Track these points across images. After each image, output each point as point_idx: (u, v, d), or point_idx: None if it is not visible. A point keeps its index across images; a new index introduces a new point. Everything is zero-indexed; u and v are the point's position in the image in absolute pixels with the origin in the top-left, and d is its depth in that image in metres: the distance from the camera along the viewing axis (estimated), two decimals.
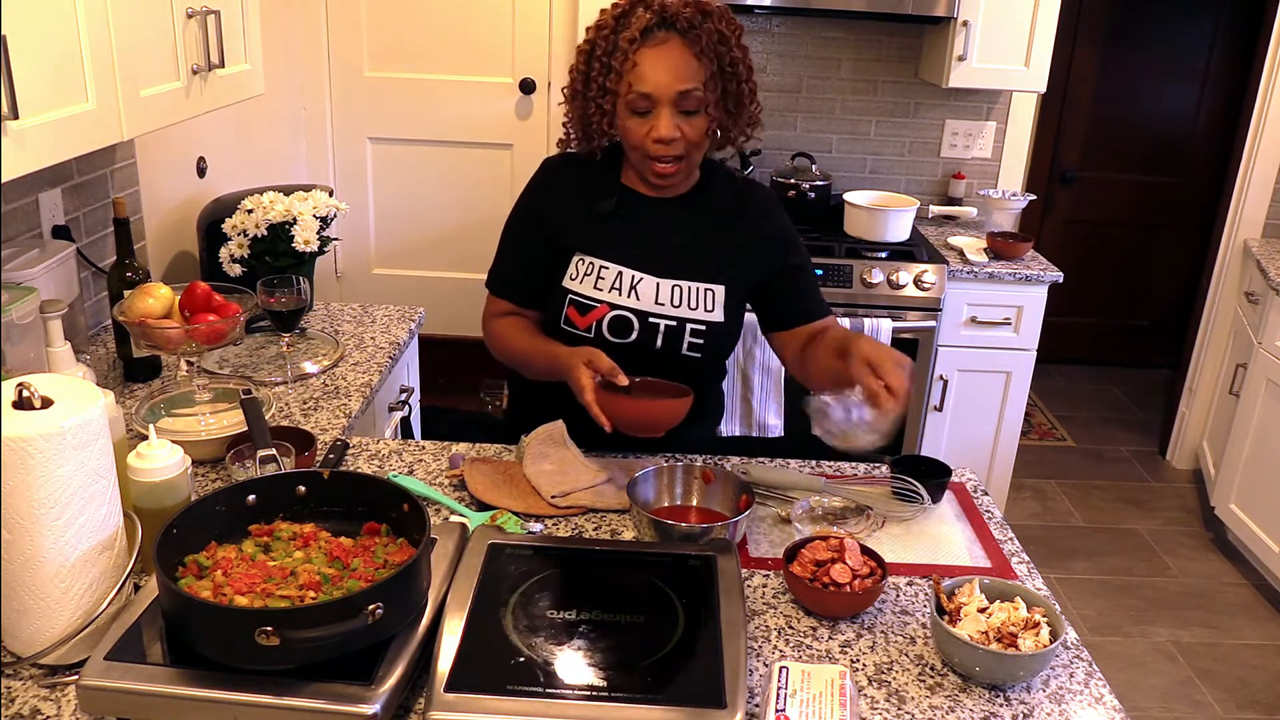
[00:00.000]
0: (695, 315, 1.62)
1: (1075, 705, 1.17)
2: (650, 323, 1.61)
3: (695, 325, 1.62)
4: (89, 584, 1.13)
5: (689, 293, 1.62)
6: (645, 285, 1.61)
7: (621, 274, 1.61)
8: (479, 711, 1.01)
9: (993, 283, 3.05)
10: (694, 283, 1.63)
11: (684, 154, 1.56)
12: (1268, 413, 3.20)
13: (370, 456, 1.68)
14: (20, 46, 1.29)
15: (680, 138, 1.53)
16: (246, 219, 2.09)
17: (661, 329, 1.61)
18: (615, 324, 1.62)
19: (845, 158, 3.60)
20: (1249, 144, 3.70)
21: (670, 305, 1.61)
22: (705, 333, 1.62)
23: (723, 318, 1.64)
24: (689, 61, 1.50)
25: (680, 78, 1.50)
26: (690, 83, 1.50)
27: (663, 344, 1.62)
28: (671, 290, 1.62)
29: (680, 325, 1.62)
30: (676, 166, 1.57)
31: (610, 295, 1.61)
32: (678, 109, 1.52)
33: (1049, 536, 3.52)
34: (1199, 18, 4.47)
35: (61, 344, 1.62)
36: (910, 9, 3.00)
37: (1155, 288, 4.93)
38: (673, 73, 1.50)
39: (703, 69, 1.51)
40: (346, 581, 1.12)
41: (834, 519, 1.53)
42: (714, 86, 1.53)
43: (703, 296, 1.62)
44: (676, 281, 1.62)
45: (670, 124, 1.51)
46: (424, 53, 3.43)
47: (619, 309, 1.61)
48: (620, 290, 1.61)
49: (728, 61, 1.54)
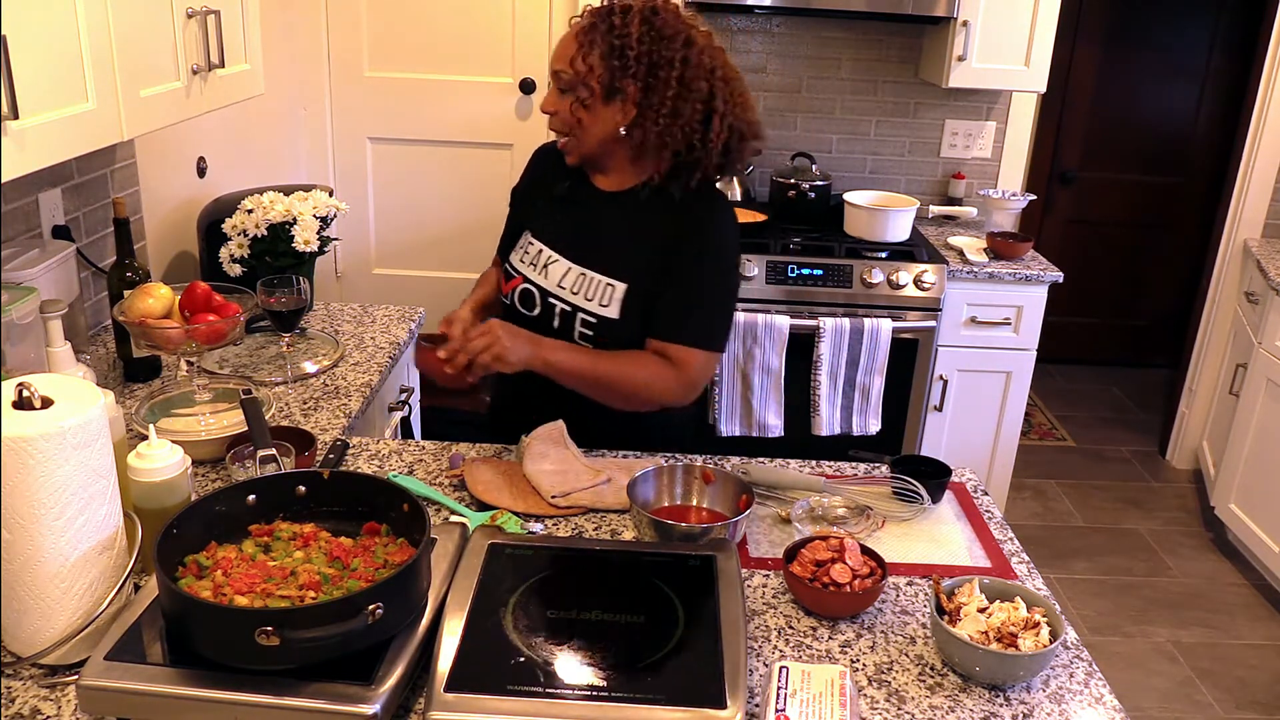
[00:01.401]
0: (589, 306, 1.65)
1: (1075, 705, 1.17)
2: (549, 302, 1.69)
3: (586, 316, 1.65)
4: (89, 584, 1.13)
5: (590, 283, 1.66)
6: (556, 267, 1.69)
7: (542, 251, 1.71)
8: (479, 711, 1.01)
9: (993, 283, 3.05)
10: (598, 274, 1.66)
11: (565, 131, 1.65)
12: (1268, 413, 3.20)
13: (370, 456, 1.68)
14: (20, 46, 1.29)
15: (555, 113, 1.64)
16: (246, 219, 2.09)
17: (558, 311, 1.68)
18: (524, 296, 1.72)
19: (845, 158, 3.60)
20: (1249, 144, 3.70)
21: (570, 291, 1.67)
22: (595, 325, 1.65)
23: (618, 314, 1.64)
24: (569, 45, 1.60)
25: (557, 58, 1.62)
26: (560, 63, 1.61)
27: (559, 325, 1.69)
28: (577, 277, 1.67)
29: (573, 312, 1.66)
30: (563, 142, 1.67)
31: (527, 269, 1.72)
32: (555, 87, 1.63)
33: (1049, 536, 3.52)
34: (1199, 18, 4.47)
35: (61, 344, 1.62)
36: (910, 9, 3.00)
37: (1155, 288, 4.93)
38: (556, 53, 1.63)
39: (580, 55, 1.58)
40: (346, 581, 1.12)
41: (834, 519, 1.53)
42: (600, 74, 1.57)
43: (601, 290, 1.65)
44: (584, 270, 1.67)
45: (550, 98, 1.65)
46: (424, 53, 3.43)
47: (529, 283, 1.71)
48: (536, 266, 1.71)
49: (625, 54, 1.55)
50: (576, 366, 1.61)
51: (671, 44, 1.56)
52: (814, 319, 2.92)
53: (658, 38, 1.56)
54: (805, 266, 2.97)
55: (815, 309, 2.97)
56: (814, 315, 2.94)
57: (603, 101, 1.59)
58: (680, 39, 1.57)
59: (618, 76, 1.57)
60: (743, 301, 2.97)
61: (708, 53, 1.59)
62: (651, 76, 1.56)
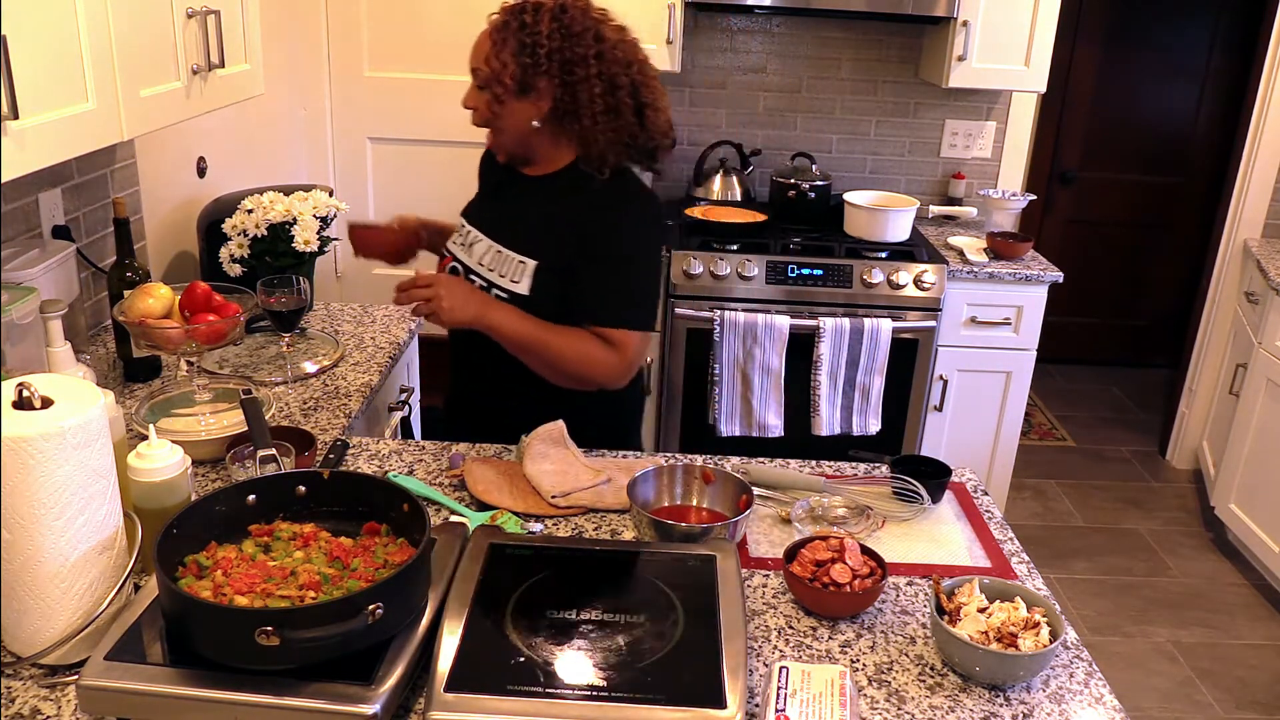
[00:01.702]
0: (502, 282, 1.71)
1: (1075, 705, 1.17)
2: (470, 278, 1.75)
3: (499, 292, 1.70)
4: (89, 584, 1.13)
5: (504, 260, 1.72)
6: (479, 245, 1.77)
7: (470, 232, 1.80)
8: (479, 711, 1.01)
9: (993, 283, 3.05)
10: (512, 252, 1.72)
11: (486, 125, 1.71)
12: (1268, 413, 3.20)
13: (370, 456, 1.68)
14: (20, 47, 1.29)
15: (475, 108, 1.71)
16: (246, 219, 2.09)
17: (477, 285, 1.73)
18: (450, 274, 1.78)
19: (845, 158, 3.60)
20: (1249, 144, 3.70)
21: (487, 267, 1.74)
22: (508, 300, 1.69)
23: (528, 291, 1.68)
24: (484, 44, 1.67)
25: (473, 56, 1.69)
26: (476, 61, 1.68)
27: None
28: (494, 254, 1.73)
29: (488, 287, 1.72)
30: (489, 134, 1.73)
31: (456, 249, 1.81)
32: (476, 83, 1.70)
33: (1049, 536, 3.52)
34: (1199, 18, 4.47)
35: (61, 344, 1.62)
36: (910, 9, 3.00)
37: (1155, 288, 4.93)
38: (473, 51, 1.69)
39: (494, 53, 1.64)
40: (346, 581, 1.12)
41: (834, 519, 1.53)
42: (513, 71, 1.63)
43: (514, 267, 1.71)
44: (500, 248, 1.73)
45: (468, 94, 1.72)
46: (424, 53, 3.43)
47: (456, 260, 1.79)
48: (463, 245, 1.79)
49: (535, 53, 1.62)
50: (520, 332, 1.64)
51: (581, 40, 1.61)
52: (814, 319, 2.92)
53: (567, 34, 1.61)
54: (805, 266, 2.98)
55: (815, 309, 2.97)
56: (814, 315, 2.94)
57: (516, 97, 1.65)
58: (590, 35, 1.62)
59: (530, 73, 1.63)
60: (743, 301, 2.97)
61: (620, 48, 1.65)
62: (568, 74, 1.62)
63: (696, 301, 2.97)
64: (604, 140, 1.64)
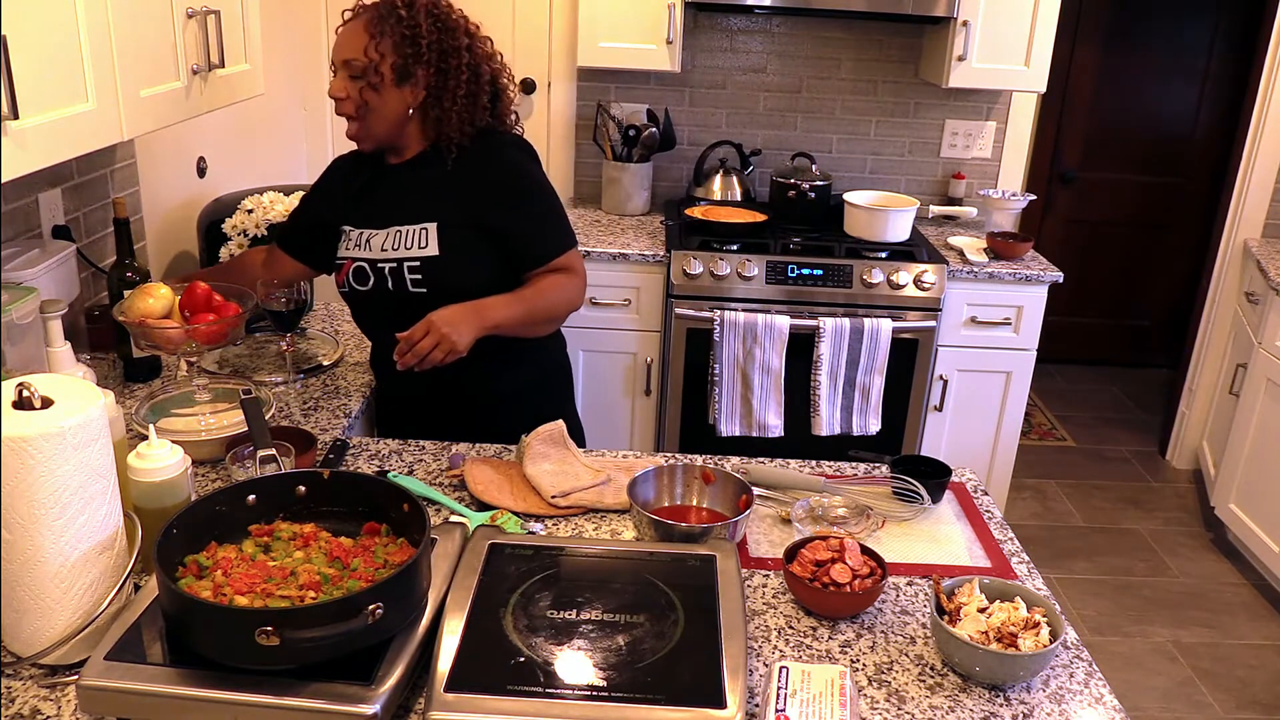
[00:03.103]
0: (410, 253, 1.79)
1: (1075, 705, 1.17)
2: (379, 268, 1.81)
3: (410, 262, 1.78)
4: (89, 584, 1.13)
5: (404, 235, 1.80)
6: (375, 239, 1.82)
7: (361, 234, 1.84)
8: (479, 711, 1.01)
9: (993, 283, 3.05)
10: (408, 226, 1.80)
11: (355, 115, 1.77)
12: (1268, 413, 3.21)
13: (370, 456, 1.68)
14: (20, 46, 1.29)
15: (348, 98, 1.75)
16: (246, 219, 2.09)
17: (386, 271, 1.80)
18: (356, 274, 1.83)
19: (845, 158, 3.60)
20: (1249, 144, 3.70)
21: (390, 250, 1.80)
22: (421, 267, 1.78)
23: (439, 251, 1.78)
24: (359, 35, 1.73)
25: (345, 47, 1.74)
26: (351, 52, 1.73)
27: (392, 285, 1.80)
28: (393, 237, 1.81)
29: (399, 265, 1.79)
30: (357, 125, 1.78)
31: (353, 252, 1.84)
32: (347, 75, 1.75)
33: (1049, 536, 3.53)
34: (1199, 18, 4.47)
35: (61, 344, 1.62)
36: (910, 9, 3.00)
37: (1155, 288, 4.93)
38: (342, 42, 1.75)
39: (371, 43, 1.72)
40: (346, 581, 1.12)
41: (834, 519, 1.53)
42: (393, 60, 1.73)
43: (416, 236, 1.79)
44: (396, 228, 1.81)
45: (338, 84, 1.76)
46: None
47: (357, 261, 1.83)
48: (360, 246, 1.84)
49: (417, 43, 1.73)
50: (517, 314, 1.78)
51: (455, 34, 1.76)
52: (814, 319, 2.92)
53: (444, 29, 1.75)
54: (805, 266, 2.98)
55: (815, 309, 2.97)
56: (814, 315, 2.94)
57: (394, 85, 1.74)
58: (461, 29, 1.78)
59: (410, 62, 1.73)
60: (743, 301, 2.97)
61: (483, 41, 1.82)
62: (444, 63, 1.75)
63: (696, 301, 2.97)
64: (459, 124, 1.78)
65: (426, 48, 1.73)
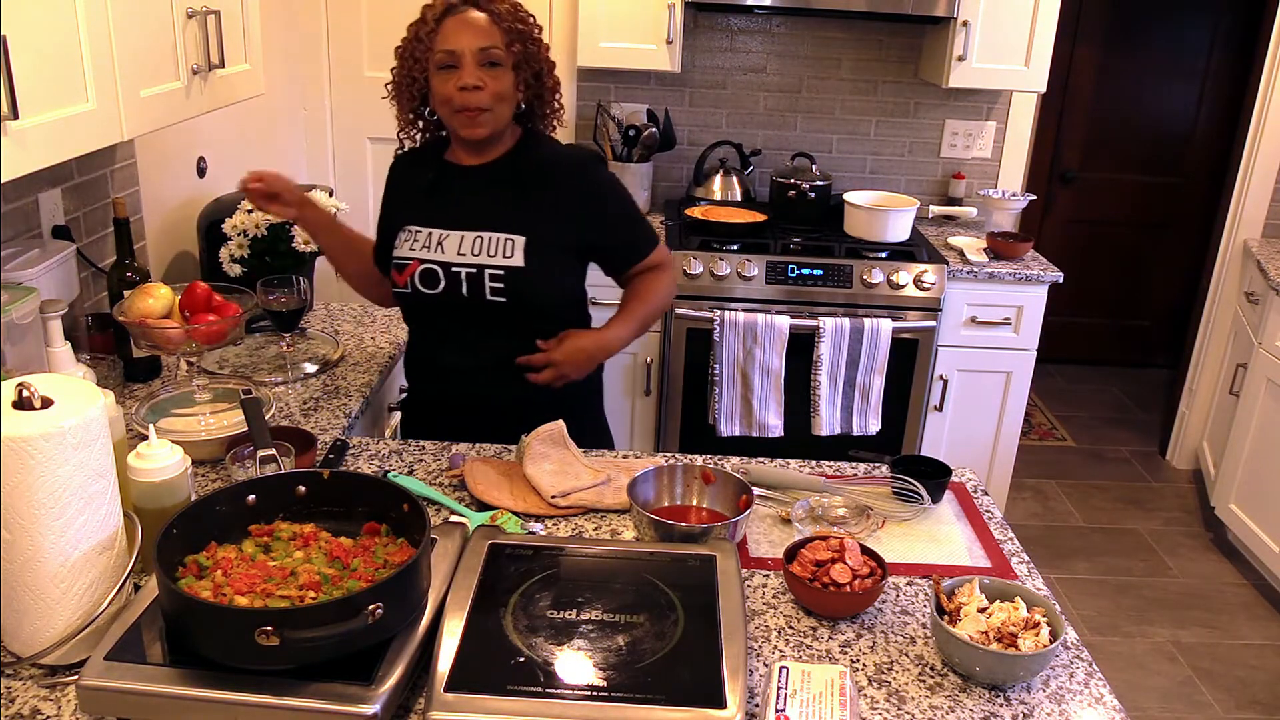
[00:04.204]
0: (494, 261, 1.74)
1: (1075, 705, 1.17)
2: (453, 272, 1.75)
3: (494, 270, 1.74)
4: (89, 584, 1.13)
5: (489, 242, 1.75)
6: (449, 240, 1.77)
7: (430, 234, 1.79)
8: (479, 711, 1.01)
9: (993, 283, 3.05)
10: (494, 233, 1.76)
11: (490, 105, 1.70)
12: (1268, 413, 3.20)
13: (370, 456, 1.68)
14: (20, 47, 1.29)
15: (484, 87, 1.69)
16: (246, 219, 2.09)
17: (464, 277, 1.75)
18: (424, 276, 1.77)
19: (845, 158, 3.60)
20: (1249, 144, 3.70)
21: (470, 255, 1.75)
22: (505, 277, 1.73)
23: (524, 263, 1.74)
24: (488, 24, 1.69)
25: (480, 36, 1.69)
26: (489, 40, 1.69)
27: (468, 291, 1.75)
28: (473, 242, 1.76)
29: (479, 272, 1.74)
30: (482, 117, 1.71)
31: (420, 253, 1.78)
32: (479, 63, 1.69)
33: (1049, 536, 3.52)
34: (1199, 18, 4.47)
35: (61, 344, 1.62)
36: (910, 9, 3.00)
37: (1155, 288, 4.93)
38: (473, 32, 1.69)
39: (501, 33, 1.69)
40: (346, 581, 1.12)
41: (834, 519, 1.53)
42: (515, 52, 1.71)
43: (501, 245, 1.75)
44: (479, 233, 1.76)
45: (474, 73, 1.68)
46: None
47: (426, 262, 1.77)
48: (429, 248, 1.78)
49: (528, 39, 1.73)
50: (634, 329, 1.85)
51: (536, 28, 1.76)
52: (814, 319, 2.92)
53: (533, 24, 1.75)
54: (805, 266, 2.98)
55: (815, 309, 2.97)
56: (814, 315, 2.94)
57: (513, 77, 1.72)
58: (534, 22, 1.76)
59: (522, 56, 1.72)
60: (743, 301, 2.97)
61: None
62: (538, 59, 1.76)
63: (696, 301, 2.97)
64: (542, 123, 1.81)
65: (530, 42, 1.73)
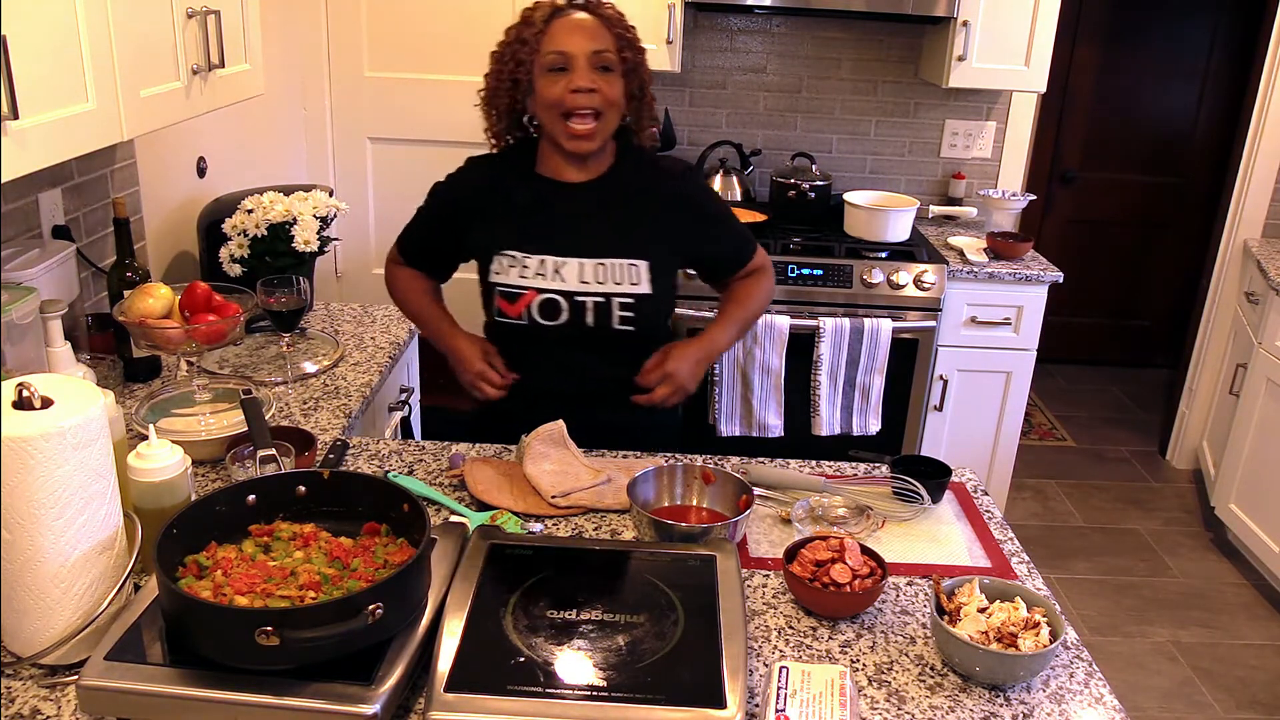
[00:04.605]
0: (621, 289, 1.68)
1: (1075, 705, 1.17)
2: (577, 301, 1.68)
3: (623, 299, 1.68)
4: (89, 584, 1.13)
5: (613, 269, 1.69)
6: (569, 268, 1.69)
7: (544, 261, 1.69)
8: (479, 711, 1.01)
9: (993, 283, 3.05)
10: (616, 260, 1.69)
11: (600, 110, 1.63)
12: (1268, 413, 3.20)
13: (370, 456, 1.68)
14: (20, 47, 1.29)
15: (597, 90, 1.61)
16: (246, 219, 2.09)
17: (589, 306, 1.68)
18: (544, 307, 1.69)
19: (845, 158, 3.60)
20: (1249, 144, 3.70)
21: (595, 283, 1.68)
22: (634, 305, 1.69)
23: (650, 290, 1.69)
24: (599, 28, 1.64)
25: (593, 39, 1.63)
26: (602, 44, 1.63)
27: (594, 320, 1.69)
28: (595, 268, 1.69)
29: (607, 300, 1.68)
30: (593, 124, 1.63)
31: (536, 281, 1.69)
32: (592, 67, 1.62)
33: (1049, 536, 3.52)
34: (1199, 18, 4.47)
35: (61, 344, 1.62)
36: (910, 9, 3.00)
37: (1155, 288, 4.93)
38: (586, 34, 1.62)
39: (612, 38, 1.64)
40: (346, 581, 1.12)
41: (834, 519, 1.53)
42: (626, 59, 1.66)
43: (626, 272, 1.69)
44: (600, 260, 1.69)
45: (587, 75, 1.61)
46: (424, 53, 3.43)
47: (546, 292, 1.68)
48: (545, 275, 1.69)
49: (635, 47, 1.68)
50: (734, 333, 1.82)
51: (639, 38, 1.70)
52: (814, 319, 2.92)
53: (637, 33, 1.69)
54: (805, 266, 2.97)
55: (815, 309, 2.97)
56: (814, 315, 2.94)
57: (623, 85, 1.66)
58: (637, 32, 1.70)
59: (630, 65, 1.66)
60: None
61: None
62: (642, 71, 1.70)
63: (696, 301, 2.97)
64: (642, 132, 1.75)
65: (636, 51, 1.68)
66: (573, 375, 1.75)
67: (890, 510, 1.55)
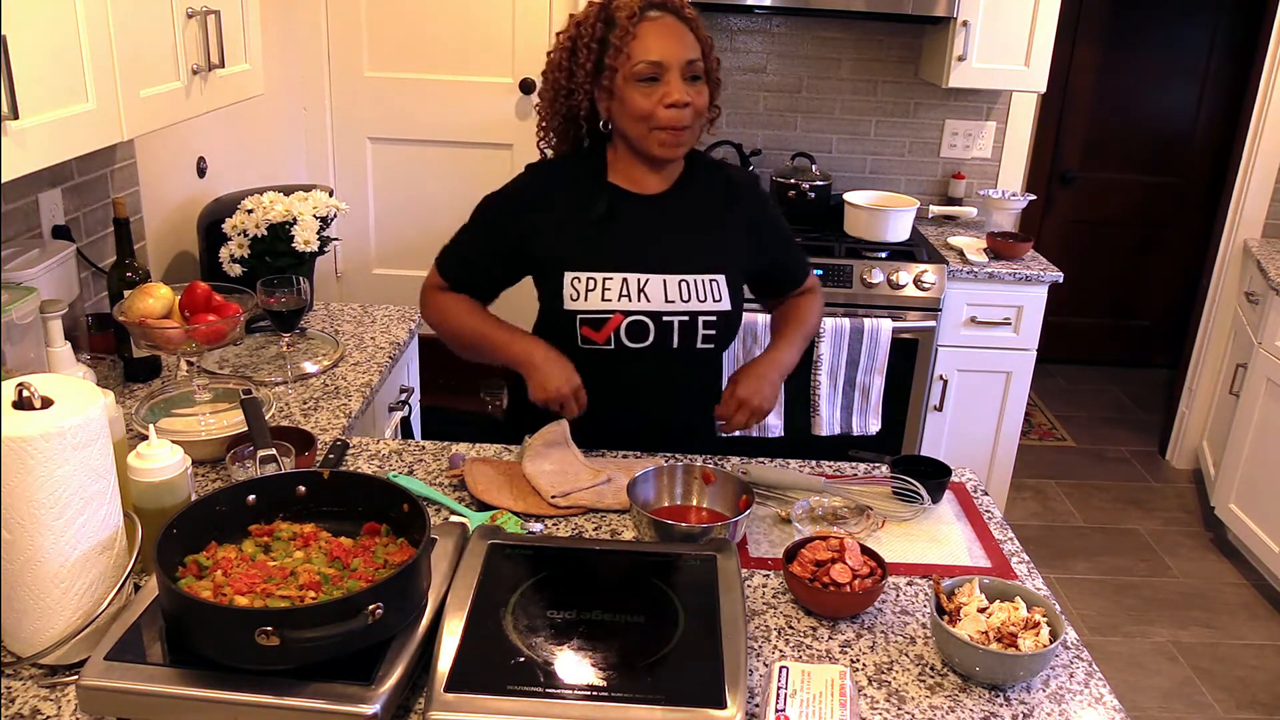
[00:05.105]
0: (705, 306, 1.63)
1: (1075, 705, 1.17)
2: (664, 322, 1.62)
3: (707, 317, 1.64)
4: (89, 584, 1.13)
5: (696, 286, 1.63)
6: (652, 286, 1.62)
7: (626, 280, 1.61)
8: (479, 711, 1.01)
9: (993, 283, 3.05)
10: (698, 275, 1.64)
11: (692, 124, 1.59)
12: (1268, 413, 3.20)
13: (370, 456, 1.68)
14: (20, 47, 1.29)
15: (690, 104, 1.56)
16: (246, 219, 2.09)
17: (676, 326, 1.62)
18: (631, 330, 1.62)
19: (845, 158, 3.60)
20: (1249, 144, 3.70)
21: (680, 301, 1.62)
22: (717, 322, 1.65)
23: (730, 306, 1.66)
24: (687, 33, 1.57)
25: (686, 47, 1.56)
26: (694, 52, 1.56)
27: (679, 341, 1.64)
28: (679, 286, 1.62)
29: (693, 319, 1.63)
30: (681, 135, 1.59)
31: (621, 304, 1.61)
32: (684, 77, 1.55)
33: (1049, 536, 3.52)
34: (1199, 18, 4.47)
35: (61, 344, 1.62)
36: (910, 9, 3.00)
37: (1155, 288, 4.93)
38: (680, 42, 1.55)
39: (700, 44, 1.58)
40: (346, 581, 1.12)
41: (834, 519, 1.53)
42: (712, 65, 1.62)
43: (709, 287, 1.64)
44: (681, 277, 1.63)
45: (682, 88, 1.54)
46: (424, 53, 3.43)
47: (632, 314, 1.61)
48: (629, 296, 1.61)
49: (711, 49, 1.62)
50: (797, 350, 1.76)
51: None
52: None
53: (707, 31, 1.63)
54: None
55: None
56: None
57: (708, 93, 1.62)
58: None
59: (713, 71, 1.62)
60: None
61: None
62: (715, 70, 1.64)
63: None
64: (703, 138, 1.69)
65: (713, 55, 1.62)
66: (654, 399, 1.69)
67: (890, 510, 1.55)
